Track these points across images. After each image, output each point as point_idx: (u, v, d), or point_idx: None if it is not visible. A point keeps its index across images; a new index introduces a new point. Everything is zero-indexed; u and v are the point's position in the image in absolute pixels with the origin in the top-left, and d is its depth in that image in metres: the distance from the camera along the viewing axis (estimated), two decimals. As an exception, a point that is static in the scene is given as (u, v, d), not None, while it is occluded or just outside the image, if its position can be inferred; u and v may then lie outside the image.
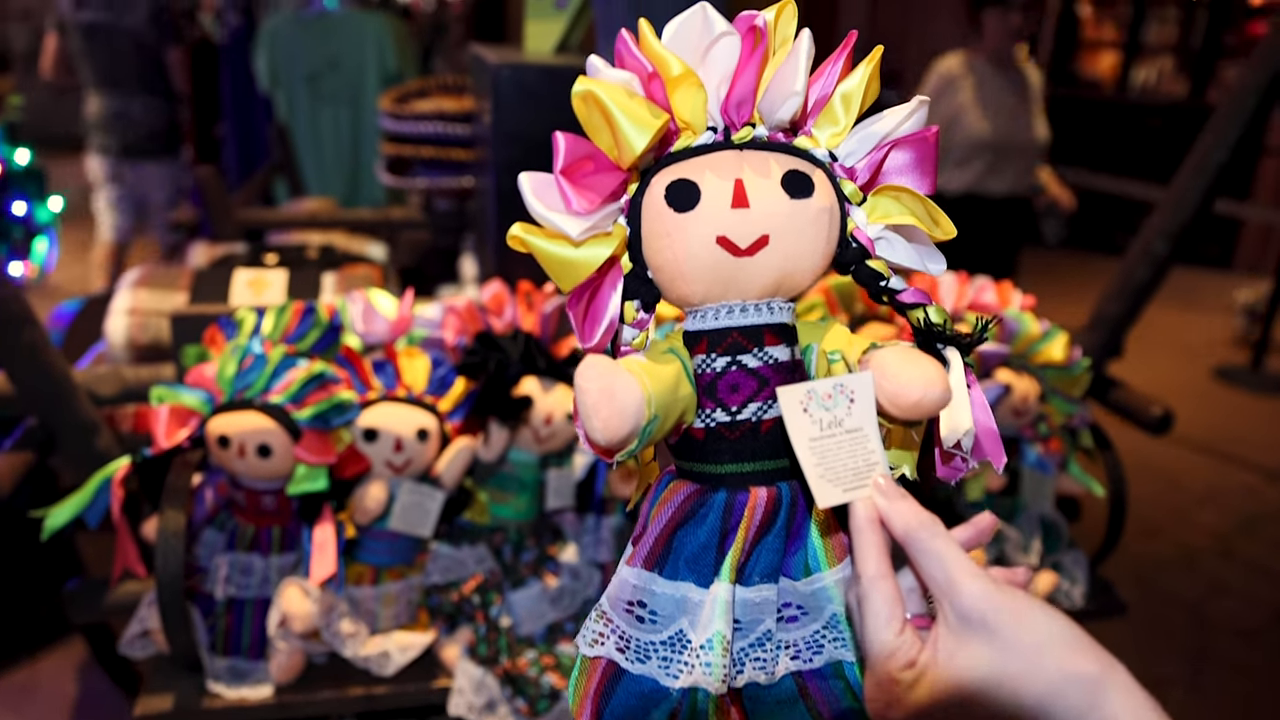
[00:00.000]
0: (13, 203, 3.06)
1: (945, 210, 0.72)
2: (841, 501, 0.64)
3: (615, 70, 0.71)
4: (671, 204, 0.69)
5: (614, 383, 0.64)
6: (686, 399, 0.71)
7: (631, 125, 0.66)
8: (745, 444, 0.71)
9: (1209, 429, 4.41)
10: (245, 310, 1.52)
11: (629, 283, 0.72)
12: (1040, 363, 1.64)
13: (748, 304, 0.72)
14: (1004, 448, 1.61)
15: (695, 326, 0.73)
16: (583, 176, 0.69)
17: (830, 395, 0.65)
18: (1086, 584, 1.72)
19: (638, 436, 0.66)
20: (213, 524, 1.45)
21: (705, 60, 0.71)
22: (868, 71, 0.72)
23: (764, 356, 0.72)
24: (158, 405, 1.38)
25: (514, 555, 1.51)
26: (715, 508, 0.70)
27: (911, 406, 0.64)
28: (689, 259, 0.69)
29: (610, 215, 0.71)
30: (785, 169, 0.70)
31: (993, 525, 0.68)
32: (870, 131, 0.72)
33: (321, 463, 1.34)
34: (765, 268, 0.70)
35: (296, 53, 3.96)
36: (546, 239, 0.69)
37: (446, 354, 1.51)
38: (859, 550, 0.63)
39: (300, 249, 2.47)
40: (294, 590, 1.35)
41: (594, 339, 0.72)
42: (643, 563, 0.71)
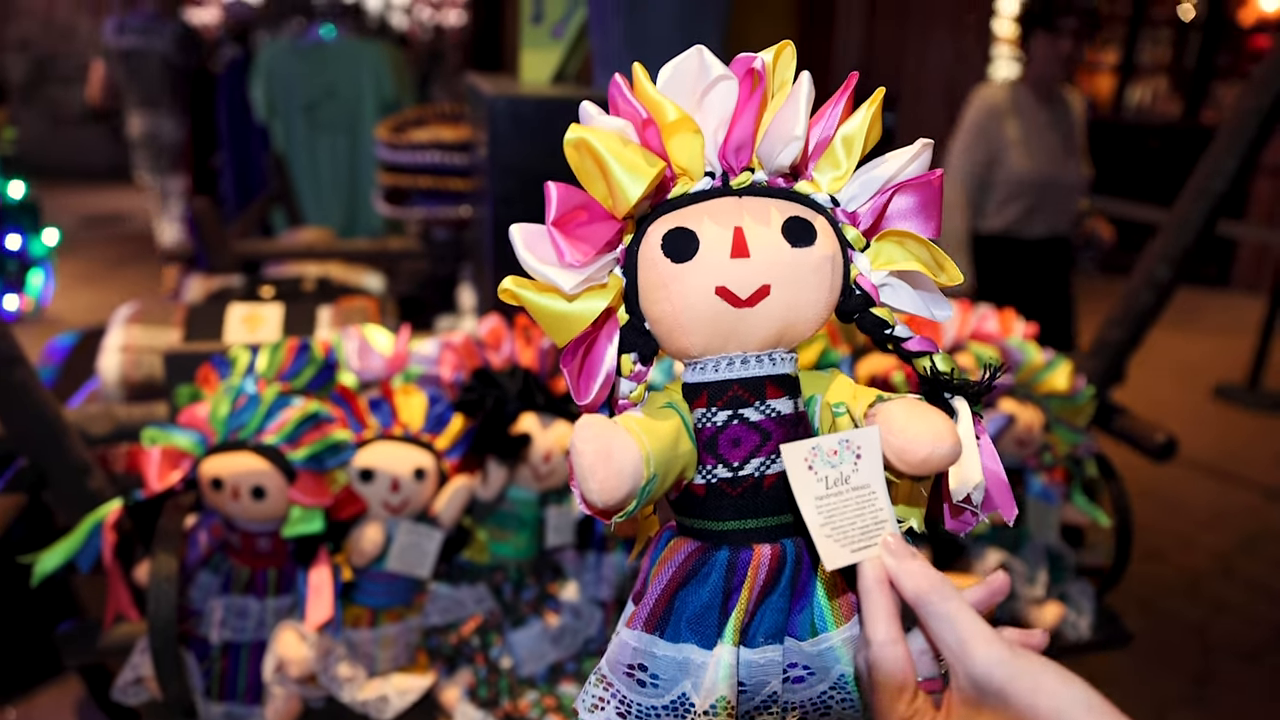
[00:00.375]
0: (6, 236, 3.04)
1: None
2: (850, 562, 0.62)
3: (609, 117, 0.69)
4: (669, 254, 0.67)
5: (611, 443, 0.62)
6: (687, 455, 0.69)
7: (626, 174, 0.64)
8: (748, 500, 0.69)
9: (1209, 449, 4.39)
10: (239, 348, 1.50)
11: (625, 335, 0.70)
12: (1044, 392, 1.63)
13: (749, 355, 0.70)
14: (1009, 478, 1.59)
15: (695, 379, 0.71)
16: (576, 227, 0.67)
17: (836, 451, 0.63)
18: (1092, 615, 1.70)
19: (636, 497, 0.64)
20: (207, 566, 1.42)
21: (702, 104, 0.70)
22: (869, 113, 0.70)
23: (766, 409, 0.70)
24: (149, 447, 1.36)
25: (514, 594, 1.48)
26: (718, 566, 0.68)
27: (920, 463, 0.62)
28: (687, 310, 0.67)
29: (606, 266, 0.69)
30: (786, 215, 0.69)
31: (1006, 585, 0.67)
32: (873, 175, 0.71)
33: (317, 504, 1.32)
34: (766, 318, 0.68)
35: (293, 82, 3.96)
36: (539, 292, 0.67)
37: (444, 391, 1.49)
38: (868, 613, 0.61)
39: (296, 281, 2.46)
40: (290, 634, 1.33)
41: (590, 395, 0.69)
42: (643, 625, 0.68)
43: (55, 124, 9.38)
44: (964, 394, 0.69)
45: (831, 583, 0.68)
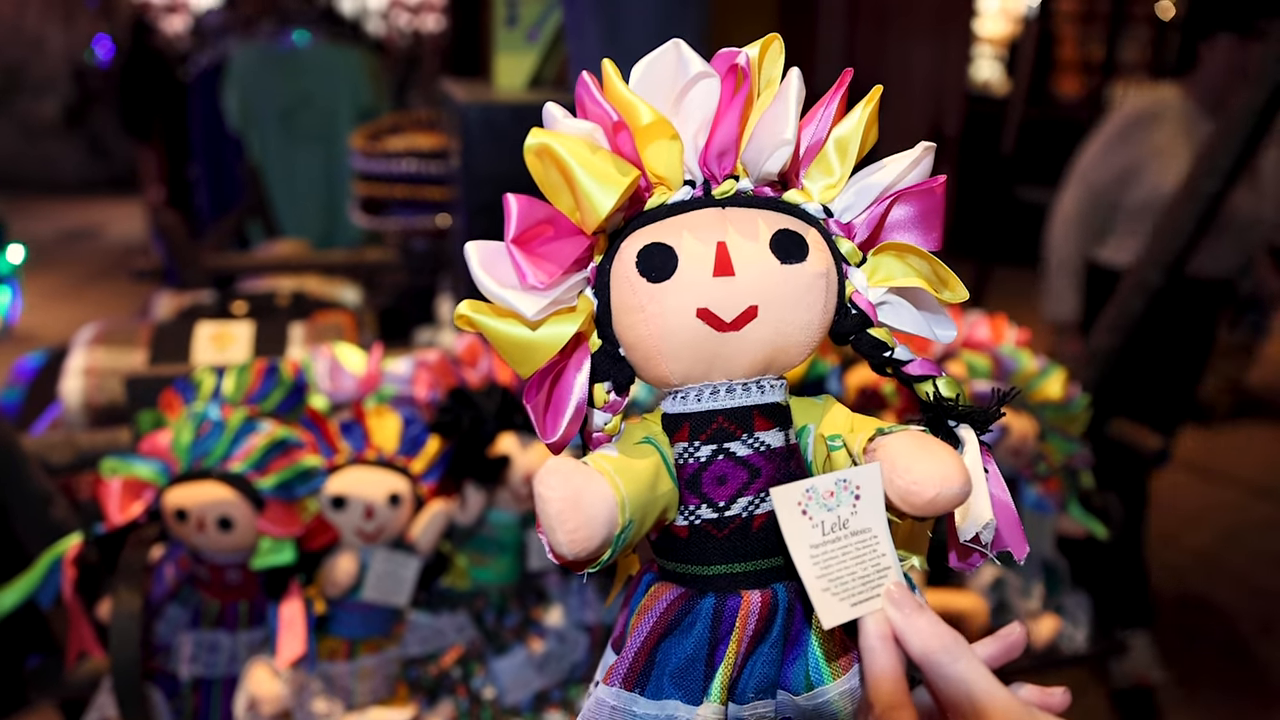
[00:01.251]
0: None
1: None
2: (850, 618, 0.56)
3: (576, 120, 0.62)
4: (644, 272, 0.61)
5: (581, 488, 0.56)
6: (667, 496, 0.62)
7: (595, 184, 0.58)
8: (735, 542, 0.63)
9: (1193, 446, 4.38)
10: (204, 371, 1.44)
11: (598, 362, 0.64)
12: (1038, 400, 1.59)
13: (734, 383, 0.64)
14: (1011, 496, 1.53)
15: (675, 409, 0.65)
16: (540, 244, 0.60)
17: (832, 493, 0.57)
18: (1089, 627, 1.67)
19: (611, 546, 0.58)
20: (175, 600, 1.36)
21: (680, 105, 0.63)
22: (865, 114, 0.64)
23: (754, 443, 0.63)
24: (109, 477, 1.30)
25: (496, 620, 1.43)
26: (703, 616, 0.62)
27: (925, 505, 0.56)
28: (666, 335, 0.61)
29: (574, 287, 0.62)
30: (774, 229, 0.62)
31: (1022, 639, 0.60)
32: (870, 183, 0.64)
33: (287, 534, 1.26)
34: (753, 342, 0.62)
35: (268, 89, 3.90)
36: (499, 319, 0.60)
37: (419, 411, 1.44)
38: (870, 674, 0.55)
39: (270, 296, 2.39)
40: (262, 671, 1.27)
41: (558, 432, 0.63)
42: (621, 681, 0.62)
43: (27, 135, 9.25)
44: (970, 422, 0.63)
45: (828, 631, 0.61)
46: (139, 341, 2.02)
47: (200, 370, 1.45)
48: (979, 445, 0.62)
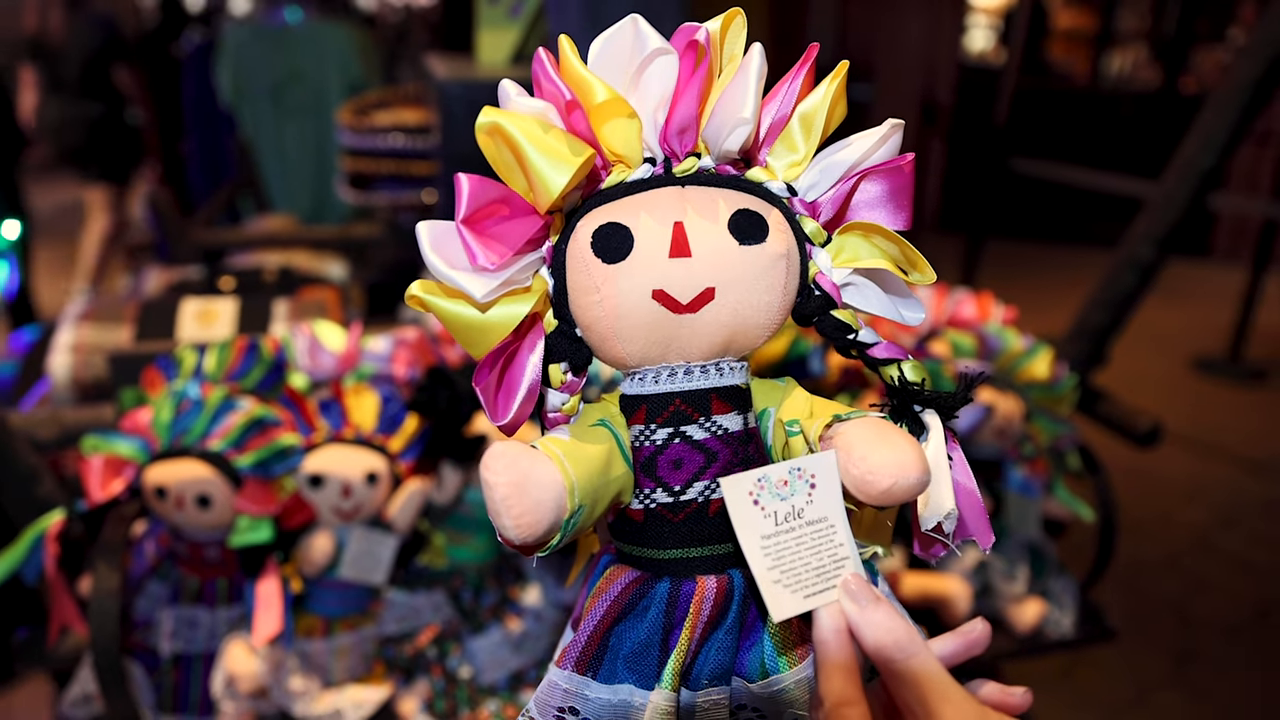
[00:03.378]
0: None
1: None
2: (801, 610, 0.55)
3: (529, 99, 0.61)
4: (599, 253, 0.60)
5: (528, 473, 0.55)
6: (620, 480, 0.62)
7: (547, 163, 0.57)
8: (691, 527, 0.62)
9: (1189, 422, 4.36)
10: (185, 349, 1.44)
11: (555, 342, 0.63)
12: (1024, 380, 1.58)
13: (692, 366, 0.63)
14: (987, 470, 1.52)
15: (633, 391, 0.64)
16: (493, 224, 0.59)
17: (786, 482, 0.56)
18: (1075, 611, 1.66)
19: (560, 530, 0.57)
20: (156, 575, 1.37)
21: (639, 82, 0.62)
22: (831, 89, 0.62)
23: (711, 427, 0.63)
24: (90, 455, 1.30)
25: (474, 599, 1.43)
26: (657, 600, 0.61)
27: (880, 495, 0.55)
28: (621, 317, 0.60)
29: (529, 267, 0.61)
30: (734, 208, 0.61)
31: (985, 636, 0.59)
32: (835, 160, 0.63)
33: (264, 513, 1.26)
34: (711, 325, 0.61)
35: (259, 65, 3.88)
36: (449, 299, 0.60)
37: (397, 390, 1.43)
38: (822, 668, 0.54)
39: (257, 272, 2.39)
40: (239, 648, 1.27)
41: (509, 414, 0.61)
42: (574, 664, 0.62)
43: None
44: (936, 407, 0.62)
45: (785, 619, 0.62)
46: (125, 318, 2.02)
47: (182, 348, 1.45)
48: (944, 432, 0.61)
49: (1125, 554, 3.26)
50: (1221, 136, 1.82)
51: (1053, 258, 6.75)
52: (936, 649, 0.57)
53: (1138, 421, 1.92)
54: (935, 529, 0.60)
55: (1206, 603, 3.10)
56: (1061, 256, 6.69)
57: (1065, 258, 6.49)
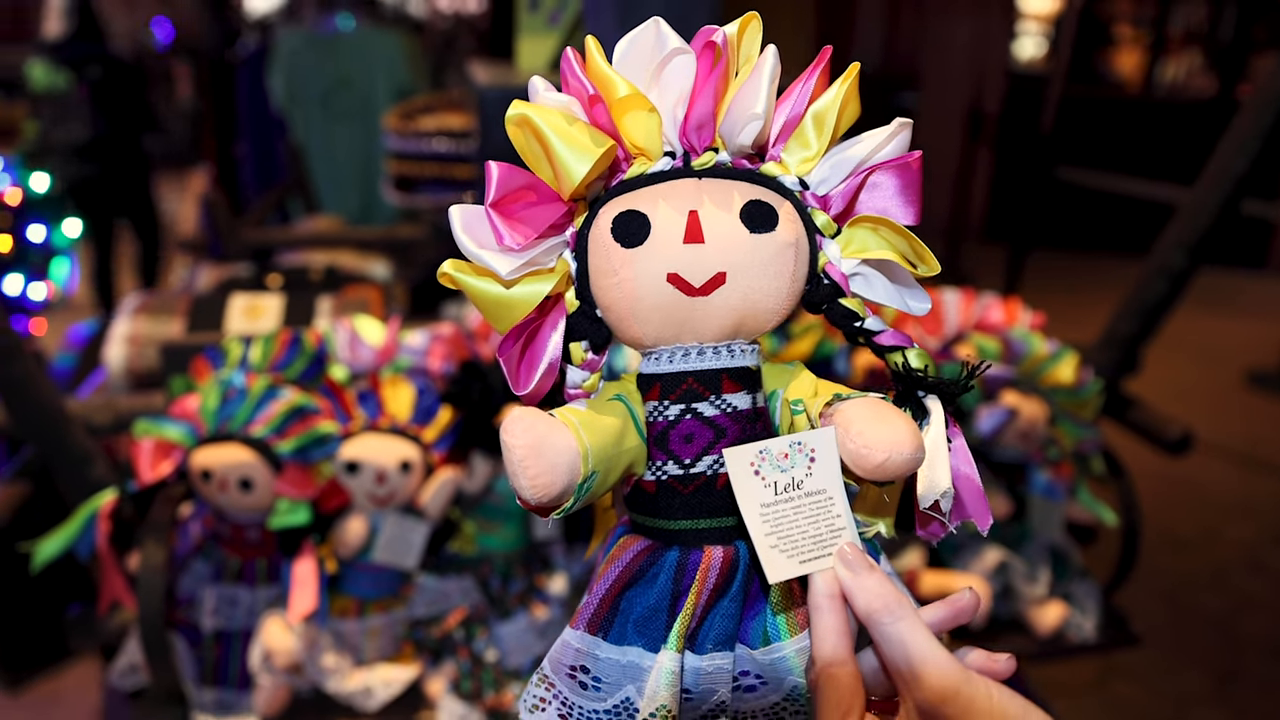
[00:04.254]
0: (30, 227, 3.09)
1: None
2: (796, 574, 0.58)
3: (555, 94, 0.66)
4: (618, 238, 0.64)
5: (543, 437, 0.60)
6: (633, 451, 0.66)
7: (570, 153, 0.61)
8: (700, 499, 0.66)
9: (1239, 437, 4.30)
10: (232, 340, 1.50)
11: (576, 322, 0.67)
12: (1049, 384, 1.59)
13: (705, 346, 0.66)
14: (1011, 473, 1.54)
15: (649, 370, 0.68)
16: (520, 209, 0.64)
17: (787, 455, 0.60)
18: (1098, 615, 1.67)
19: (573, 494, 0.61)
20: (201, 555, 1.43)
21: (658, 80, 0.66)
22: (843, 90, 0.65)
23: (722, 404, 0.66)
24: (141, 438, 1.37)
25: (502, 586, 1.48)
26: (666, 568, 0.65)
27: (875, 469, 0.59)
28: (638, 298, 0.64)
29: (552, 250, 0.65)
30: (746, 199, 0.65)
31: (973, 604, 0.61)
32: (845, 156, 0.66)
33: (302, 496, 1.32)
34: (722, 308, 0.65)
35: (310, 71, 3.98)
36: (477, 277, 0.64)
37: (432, 382, 1.49)
38: (816, 629, 0.58)
39: (304, 270, 2.46)
40: (276, 625, 1.33)
41: (530, 385, 0.66)
42: (586, 625, 0.66)
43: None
44: (938, 393, 0.65)
45: (787, 589, 0.65)
46: (178, 311, 2.10)
47: (229, 339, 1.51)
48: (945, 417, 0.64)
49: (1172, 569, 3.23)
50: (1255, 142, 1.81)
51: (1102, 269, 6.68)
52: (925, 616, 0.59)
53: (1168, 429, 1.92)
54: (933, 507, 0.63)
55: (1254, 621, 3.06)
56: (1111, 268, 6.61)
57: (1115, 269, 6.42)
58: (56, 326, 3.57)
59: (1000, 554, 1.60)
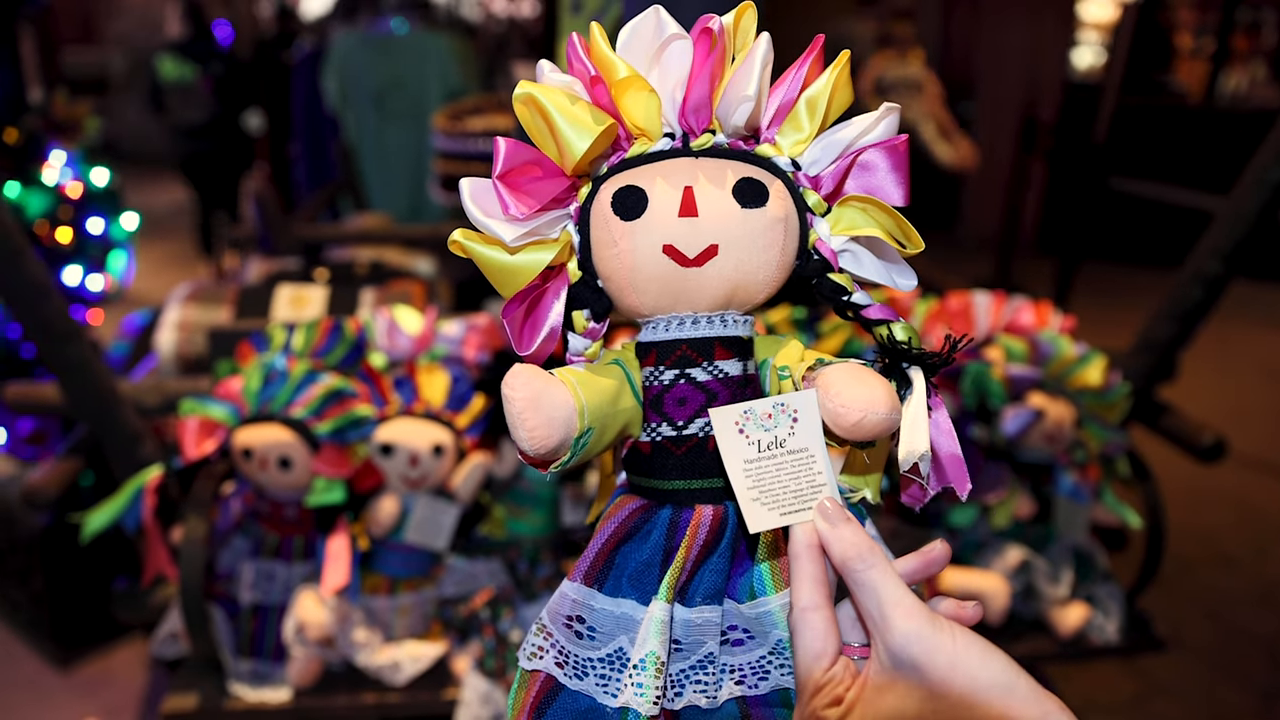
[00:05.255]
0: (90, 220, 3.18)
1: None
2: (775, 525, 0.62)
3: (559, 74, 0.70)
4: (618, 211, 0.68)
5: (541, 391, 0.63)
6: (628, 412, 0.69)
7: (572, 129, 0.65)
8: (692, 460, 0.69)
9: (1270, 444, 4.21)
10: (276, 326, 1.56)
11: (579, 291, 0.71)
12: (1076, 387, 1.60)
13: (699, 316, 0.70)
14: (1036, 474, 1.54)
15: (646, 338, 0.72)
16: (526, 182, 0.68)
17: (770, 415, 0.63)
18: (1121, 618, 1.67)
19: (570, 448, 0.65)
20: (240, 531, 1.49)
21: (659, 64, 0.70)
22: (834, 76, 0.69)
23: (713, 370, 0.70)
24: (186, 417, 1.43)
25: (529, 570, 1.52)
26: (659, 525, 0.69)
27: (852, 427, 0.61)
28: (636, 269, 0.68)
29: (555, 222, 0.70)
30: (739, 176, 0.69)
31: (944, 556, 0.64)
32: (836, 139, 0.70)
33: (338, 476, 1.38)
34: (715, 278, 0.68)
35: (363, 72, 4.05)
36: (484, 244, 0.68)
37: (467, 370, 1.53)
38: (795, 577, 0.61)
39: (350, 265, 2.53)
40: (310, 598, 1.38)
41: (533, 346, 0.70)
42: (582, 578, 0.69)
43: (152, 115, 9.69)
44: (920, 364, 0.67)
45: (773, 547, 0.68)
46: (226, 300, 2.18)
47: (273, 325, 1.57)
48: (927, 388, 0.67)
49: (1219, 586, 3.18)
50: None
51: (1155, 283, 6.55)
52: (897, 566, 0.62)
53: (1201, 436, 1.91)
54: (913, 470, 0.65)
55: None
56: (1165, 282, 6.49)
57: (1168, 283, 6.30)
58: (113, 318, 3.68)
59: (1023, 553, 1.61)
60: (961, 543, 1.65)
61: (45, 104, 3.37)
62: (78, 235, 3.12)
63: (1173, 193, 5.08)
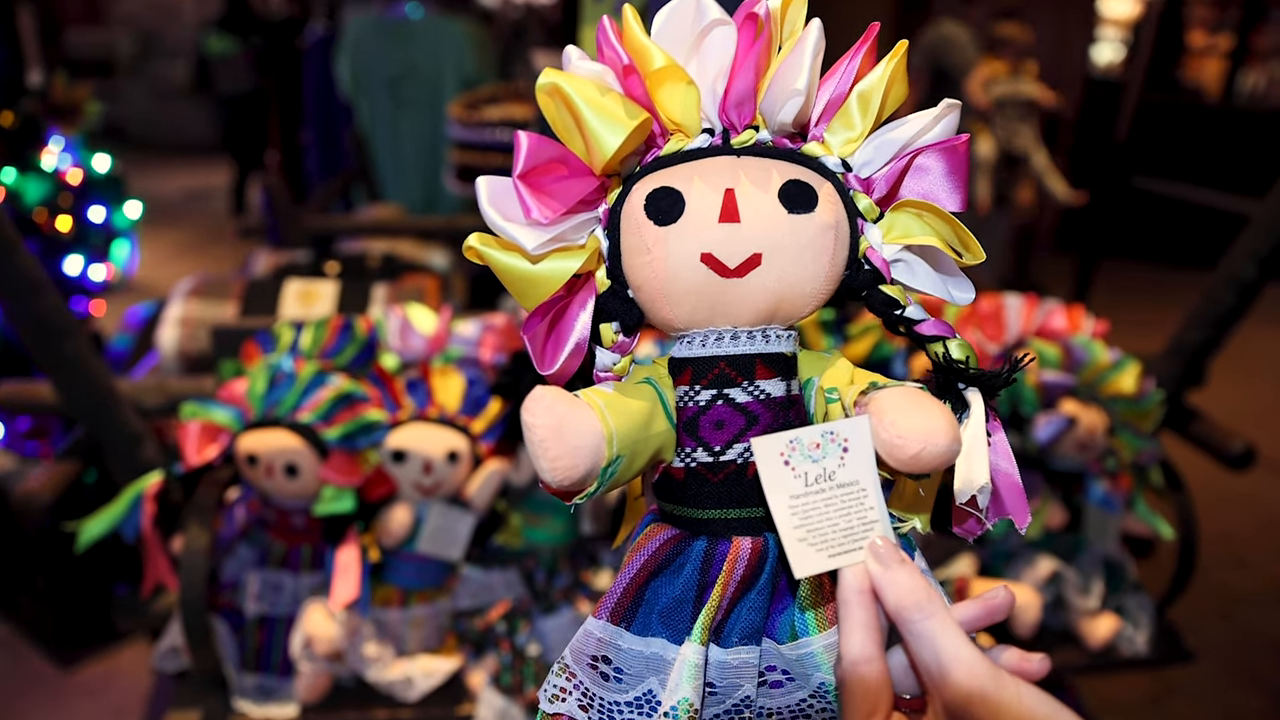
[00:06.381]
0: (91, 208, 3.14)
1: None
2: (824, 569, 0.56)
3: (589, 63, 0.63)
4: (652, 215, 0.62)
5: (565, 417, 0.58)
6: (661, 436, 0.63)
7: (603, 124, 0.59)
8: (730, 488, 0.63)
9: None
10: (283, 325, 1.51)
11: (607, 302, 0.65)
12: (1110, 394, 1.55)
13: (739, 330, 0.64)
14: (1068, 483, 1.49)
15: (680, 353, 0.66)
16: (550, 182, 0.61)
17: (819, 445, 0.57)
18: (1151, 629, 1.62)
19: (597, 478, 0.59)
20: (246, 539, 1.44)
21: (697, 52, 0.63)
22: (890, 68, 0.62)
23: (754, 391, 0.64)
24: (188, 421, 1.38)
25: (547, 580, 1.47)
26: (693, 558, 0.62)
27: (909, 460, 0.56)
28: (671, 278, 0.62)
29: (583, 226, 0.63)
30: (785, 178, 0.62)
31: (1007, 603, 0.59)
32: (890, 138, 0.64)
33: (348, 484, 1.32)
34: (757, 290, 0.62)
35: (377, 58, 3.99)
36: (503, 251, 0.62)
37: (483, 373, 1.48)
38: (844, 625, 0.55)
39: (361, 258, 2.47)
40: (318, 612, 1.33)
41: (556, 364, 0.64)
42: (609, 615, 0.63)
43: (159, 99, 9.65)
44: (979, 385, 0.62)
45: (817, 583, 0.63)
46: (232, 295, 2.12)
47: (280, 324, 1.52)
48: (986, 411, 0.61)
49: (1232, 585, 3.15)
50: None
51: (1173, 282, 6.50)
52: (956, 613, 0.57)
53: (1230, 443, 1.86)
54: (970, 503, 0.60)
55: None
56: (1183, 280, 6.44)
57: (1187, 282, 6.25)
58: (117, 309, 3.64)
59: (1053, 564, 1.57)
60: (992, 553, 1.60)
61: (45, 87, 3.31)
62: (78, 223, 3.07)
63: (1197, 193, 5.00)
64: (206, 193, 7.90)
